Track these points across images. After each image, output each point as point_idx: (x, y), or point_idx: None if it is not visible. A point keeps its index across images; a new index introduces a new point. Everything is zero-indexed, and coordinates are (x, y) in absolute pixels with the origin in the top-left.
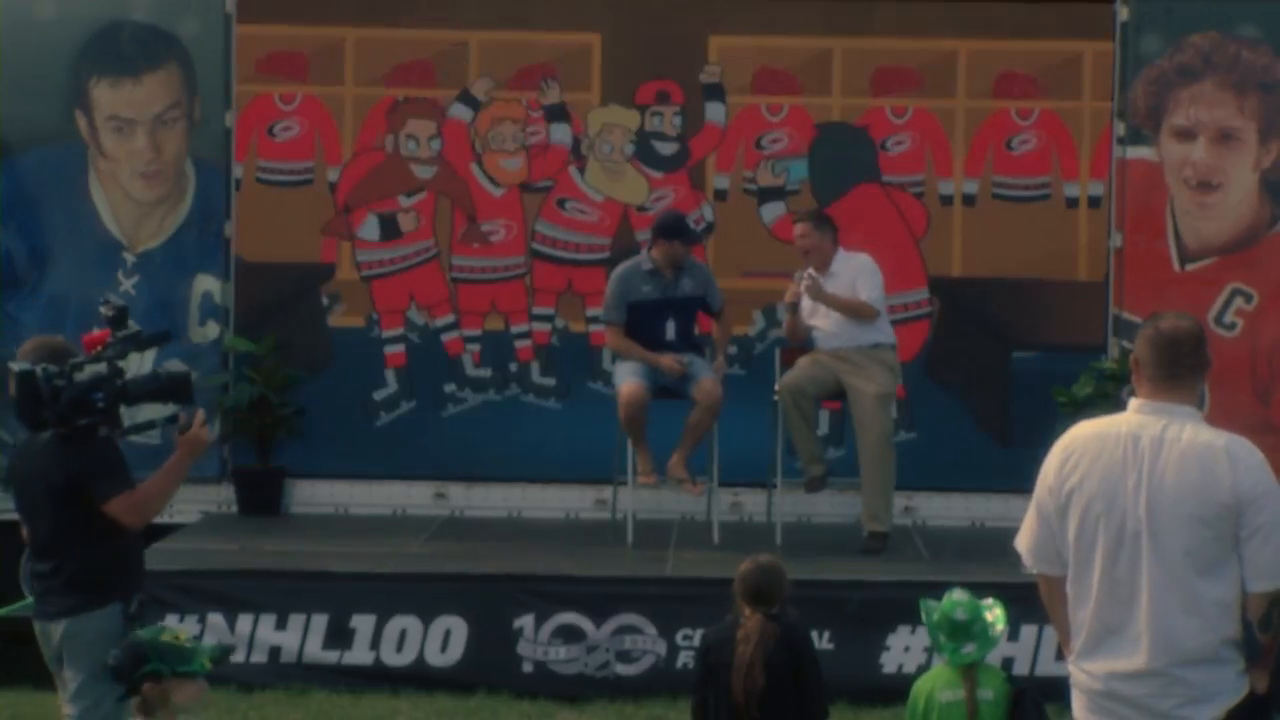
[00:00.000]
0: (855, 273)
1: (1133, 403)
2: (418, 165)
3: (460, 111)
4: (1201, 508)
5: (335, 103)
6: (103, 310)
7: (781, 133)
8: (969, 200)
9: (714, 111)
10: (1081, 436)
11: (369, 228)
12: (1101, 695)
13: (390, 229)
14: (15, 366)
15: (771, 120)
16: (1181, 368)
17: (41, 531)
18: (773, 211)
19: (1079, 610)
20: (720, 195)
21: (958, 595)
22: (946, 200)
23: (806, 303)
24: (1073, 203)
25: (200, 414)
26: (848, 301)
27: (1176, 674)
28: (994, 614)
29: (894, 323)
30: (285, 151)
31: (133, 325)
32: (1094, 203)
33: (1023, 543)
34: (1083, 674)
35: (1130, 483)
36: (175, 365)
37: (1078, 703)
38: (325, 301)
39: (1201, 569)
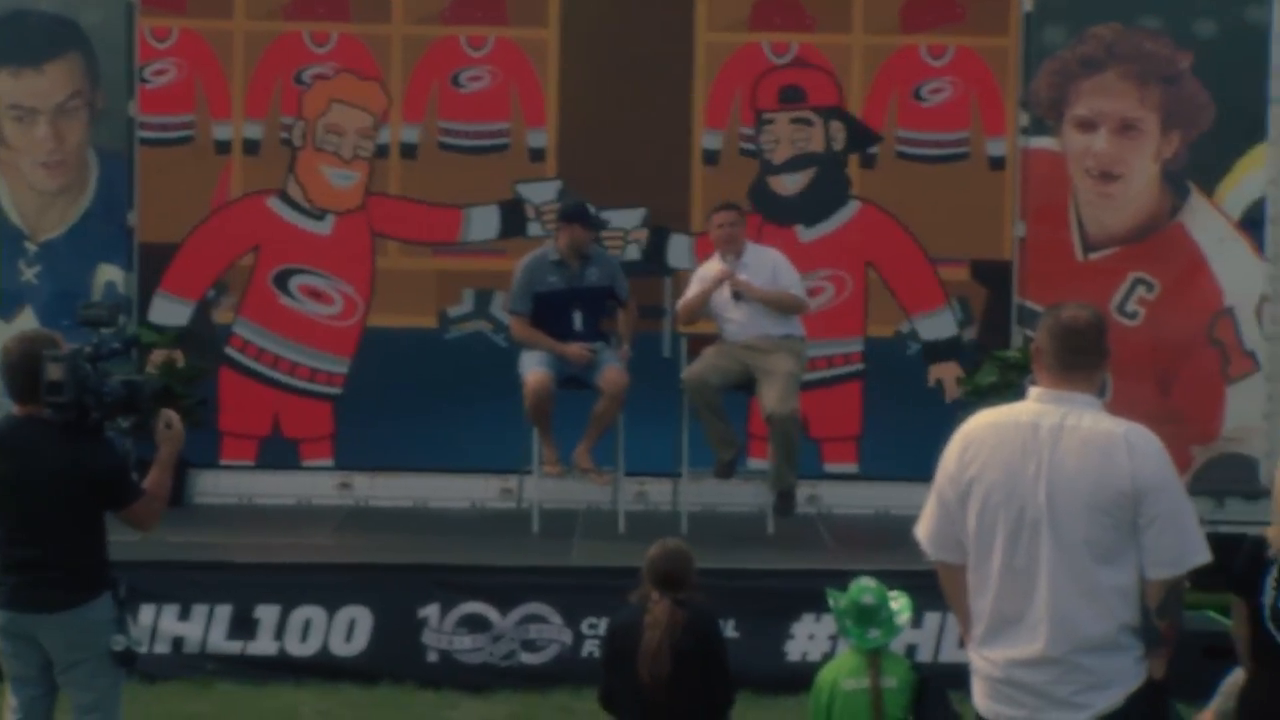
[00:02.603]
0: (773, 266)
1: (1032, 391)
2: None
3: None
4: (1100, 495)
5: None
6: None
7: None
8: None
9: None
10: (981, 425)
11: None
12: (1002, 682)
13: None
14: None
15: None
16: (1081, 357)
17: (37, 521)
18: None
19: (979, 598)
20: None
21: (865, 581)
22: None
23: (719, 296)
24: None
25: (175, 415)
26: (781, 296)
27: (1076, 661)
28: (899, 603)
29: None
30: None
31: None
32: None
33: (923, 531)
34: (983, 661)
35: (1030, 471)
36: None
37: (978, 690)
38: (211, 294)
39: (1100, 556)
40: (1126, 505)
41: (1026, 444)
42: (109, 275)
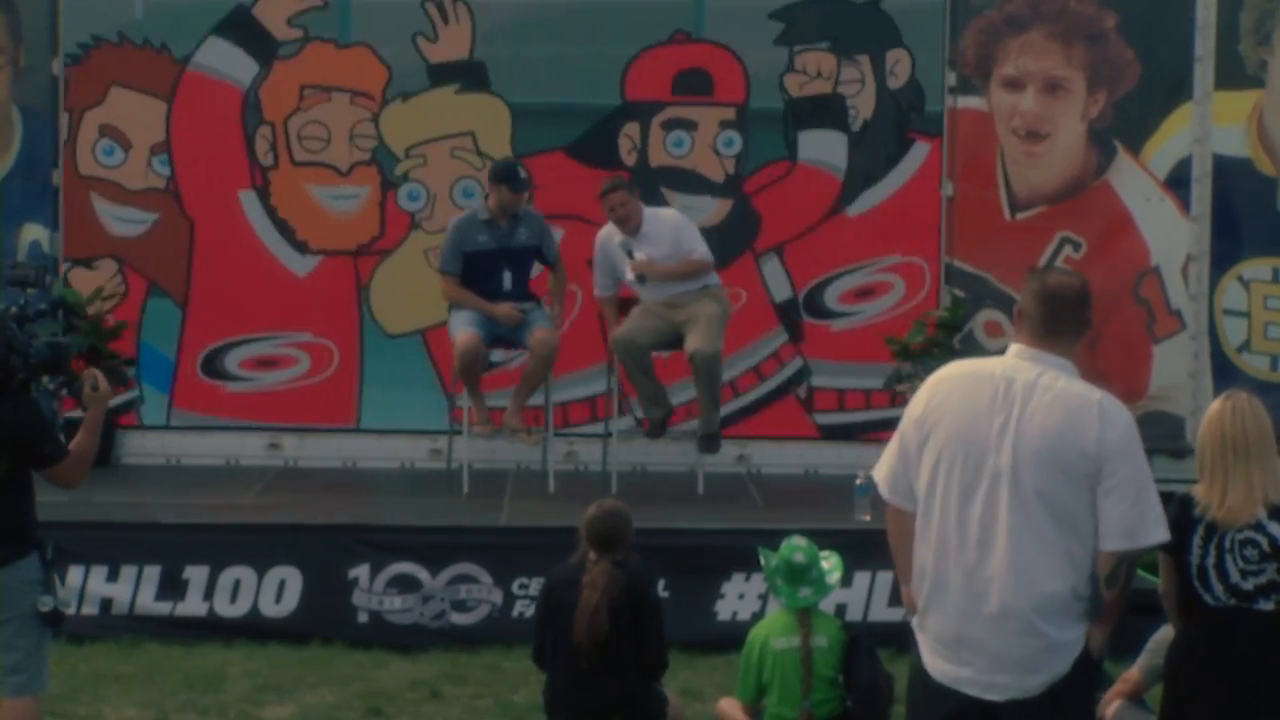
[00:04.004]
0: (673, 231)
1: (1012, 347)
2: None
3: None
4: (1063, 453)
5: None
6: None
7: None
8: None
9: None
10: (954, 374)
11: None
12: (952, 640)
13: None
14: None
15: None
16: (1063, 324)
17: None
18: None
19: (921, 546)
20: None
21: (797, 540)
22: None
23: (626, 273)
24: None
25: (101, 375)
26: (685, 267)
27: (1031, 622)
28: (830, 562)
29: None
30: None
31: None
32: None
33: (881, 472)
34: (932, 620)
35: (996, 424)
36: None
37: (925, 648)
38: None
39: (1057, 515)
40: (1088, 469)
41: (996, 397)
42: (34, 235)
